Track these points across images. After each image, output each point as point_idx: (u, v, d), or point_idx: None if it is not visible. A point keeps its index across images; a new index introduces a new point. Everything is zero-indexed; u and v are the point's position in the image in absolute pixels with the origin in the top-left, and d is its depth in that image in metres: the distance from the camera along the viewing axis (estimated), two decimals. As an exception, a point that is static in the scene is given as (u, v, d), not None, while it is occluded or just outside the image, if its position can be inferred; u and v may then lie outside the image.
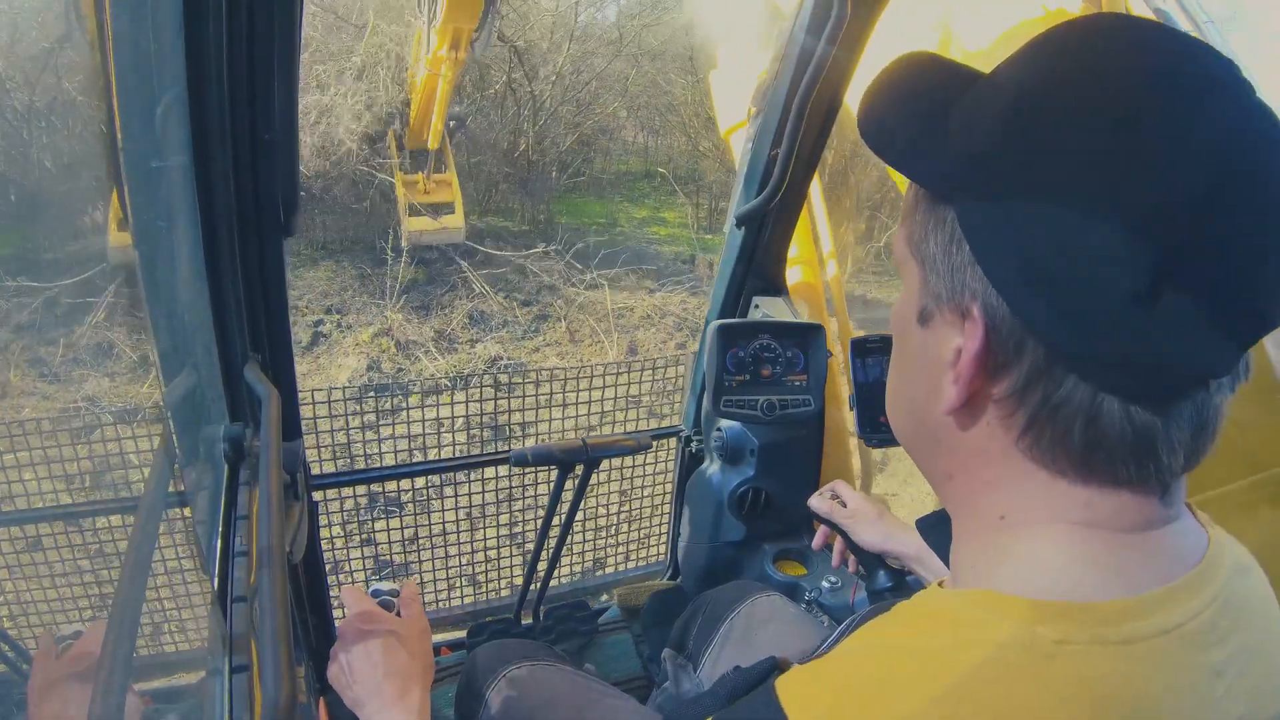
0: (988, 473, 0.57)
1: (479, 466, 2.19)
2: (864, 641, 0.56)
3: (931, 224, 0.57)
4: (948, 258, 0.55)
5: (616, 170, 11.29)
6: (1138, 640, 0.49)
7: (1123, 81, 0.49)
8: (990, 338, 0.53)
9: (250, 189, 1.12)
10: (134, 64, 0.94)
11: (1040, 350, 0.51)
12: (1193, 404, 0.51)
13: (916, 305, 0.59)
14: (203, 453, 1.15)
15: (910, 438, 0.66)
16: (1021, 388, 0.53)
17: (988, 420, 0.56)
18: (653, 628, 1.95)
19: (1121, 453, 0.52)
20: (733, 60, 2.82)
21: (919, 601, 0.58)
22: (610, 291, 7.99)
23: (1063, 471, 0.54)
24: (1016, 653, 0.48)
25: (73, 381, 4.29)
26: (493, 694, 1.28)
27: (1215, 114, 0.48)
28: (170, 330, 1.10)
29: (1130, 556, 0.53)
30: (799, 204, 1.96)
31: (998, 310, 0.52)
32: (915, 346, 0.60)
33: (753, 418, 1.91)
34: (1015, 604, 0.51)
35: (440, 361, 6.94)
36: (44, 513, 1.91)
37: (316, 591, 1.67)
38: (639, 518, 2.69)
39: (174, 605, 1.78)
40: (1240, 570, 0.58)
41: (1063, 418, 0.52)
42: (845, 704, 0.52)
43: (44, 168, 1.94)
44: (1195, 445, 0.53)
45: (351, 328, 7.21)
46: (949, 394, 0.56)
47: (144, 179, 1.01)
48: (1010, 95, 0.53)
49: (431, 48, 5.86)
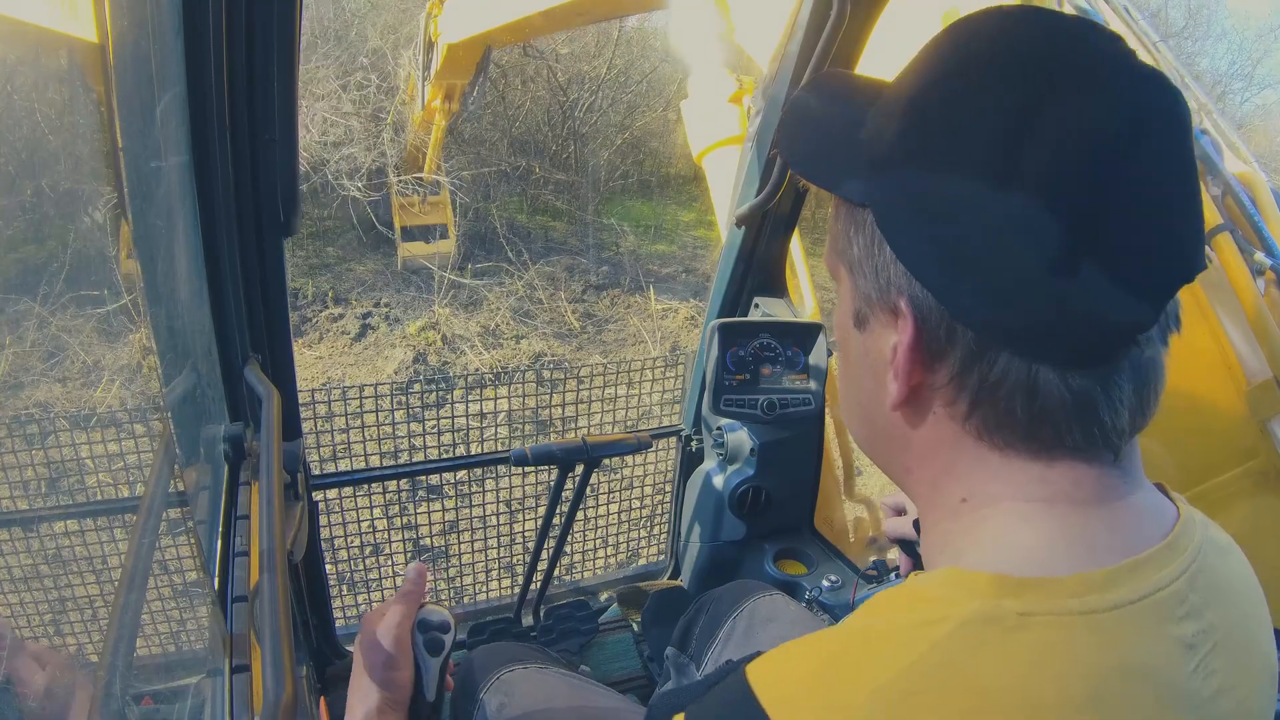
0: (942, 461, 0.59)
1: (480, 466, 2.19)
2: (838, 625, 0.57)
3: (853, 230, 0.59)
4: (871, 259, 0.57)
5: (665, 173, 11.33)
6: (1102, 611, 0.50)
7: (1012, 62, 0.52)
8: (921, 329, 0.55)
9: (250, 189, 1.13)
10: (133, 64, 0.94)
11: (970, 333, 0.53)
12: (1129, 361, 0.53)
13: (851, 311, 0.61)
14: (203, 453, 1.15)
15: (866, 440, 0.67)
16: (959, 372, 0.55)
17: (933, 410, 0.58)
18: (653, 627, 1.95)
19: (1065, 420, 0.53)
20: (700, 89, 3.02)
21: (895, 588, 0.59)
22: (655, 293, 8.13)
23: (1014, 448, 0.55)
24: (980, 626, 0.49)
25: (72, 381, 4.29)
26: (487, 696, 1.28)
27: (1102, 85, 0.50)
28: (170, 330, 1.11)
29: (1093, 530, 0.54)
30: (798, 204, 1.95)
31: (924, 301, 0.54)
32: (856, 351, 0.63)
33: (753, 417, 1.91)
34: (979, 579, 0.52)
35: (485, 356, 6.99)
36: (44, 513, 1.91)
37: (317, 591, 1.67)
38: (640, 517, 2.69)
39: (175, 605, 1.78)
40: (1218, 549, 0.58)
41: (1003, 395, 0.53)
42: (812, 682, 0.52)
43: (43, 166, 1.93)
44: (1138, 402, 0.54)
45: (399, 321, 7.28)
46: (892, 390, 0.57)
47: (143, 179, 1.01)
48: (906, 92, 0.56)
49: (425, 99, 5.96)
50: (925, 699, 0.47)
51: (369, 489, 2.36)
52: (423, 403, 3.05)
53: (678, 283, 8.59)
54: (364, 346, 6.98)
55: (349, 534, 2.44)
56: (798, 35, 1.68)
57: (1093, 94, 0.50)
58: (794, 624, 1.45)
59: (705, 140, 2.99)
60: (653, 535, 2.70)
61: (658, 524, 2.65)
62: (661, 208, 10.60)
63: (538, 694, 1.28)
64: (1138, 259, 0.50)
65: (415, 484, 3.65)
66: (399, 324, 7.23)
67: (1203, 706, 0.51)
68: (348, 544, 2.51)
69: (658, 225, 9.95)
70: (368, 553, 2.84)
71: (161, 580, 1.71)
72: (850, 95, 0.63)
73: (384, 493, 2.92)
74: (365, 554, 2.80)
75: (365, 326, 7.18)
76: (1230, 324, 1.53)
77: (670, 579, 2.31)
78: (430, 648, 1.09)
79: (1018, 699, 0.47)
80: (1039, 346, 0.52)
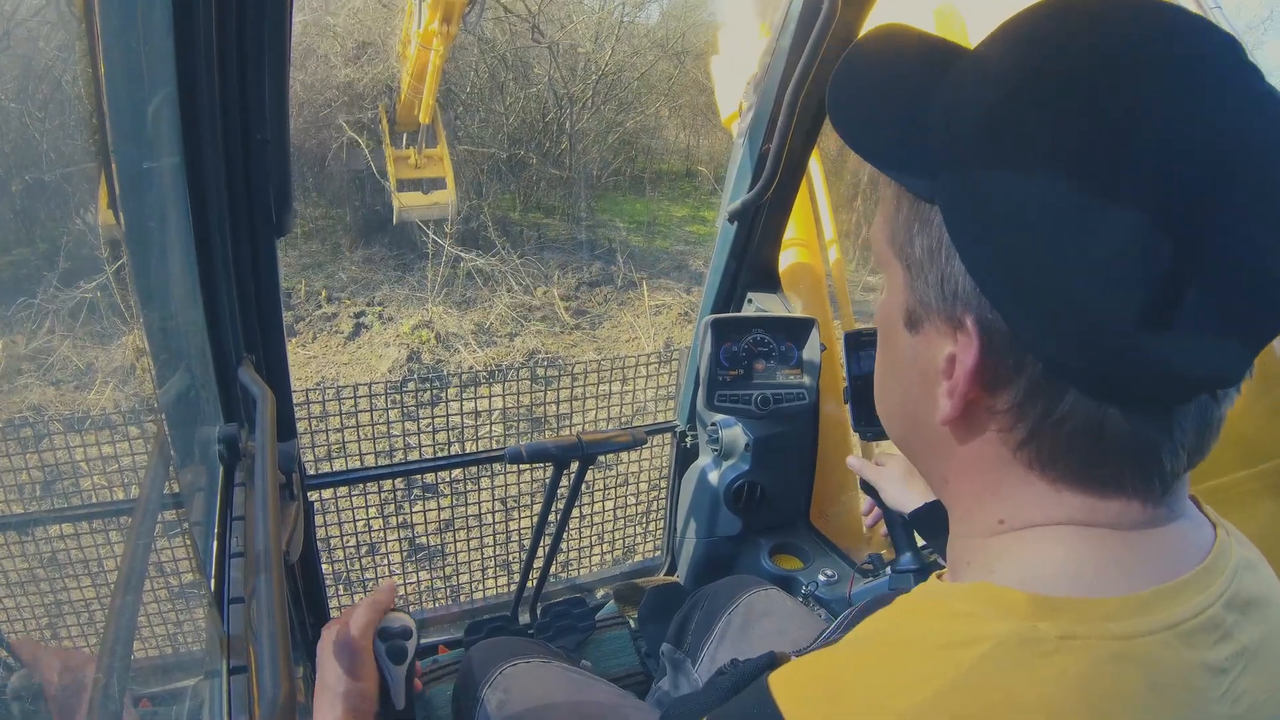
0: (985, 480, 0.55)
1: (474, 464, 2.19)
2: (861, 635, 0.55)
3: (916, 226, 0.53)
4: (935, 264, 0.52)
5: (657, 169, 11.35)
6: (1138, 636, 0.48)
7: (1121, 59, 0.45)
8: (986, 352, 0.50)
9: (242, 188, 1.12)
10: (124, 64, 0.94)
11: (1039, 365, 0.49)
12: (1197, 406, 0.49)
13: (903, 308, 0.56)
14: (198, 454, 1.15)
15: (903, 440, 0.64)
16: (1021, 402, 0.50)
17: (985, 432, 0.54)
18: (650, 623, 1.95)
19: (1125, 462, 0.50)
20: (734, 45, 2.71)
21: (918, 594, 0.57)
22: (648, 289, 8.12)
23: (1064, 480, 0.52)
24: (1016, 648, 0.47)
25: (66, 383, 4.28)
26: (489, 692, 1.27)
27: (1216, 98, 0.44)
28: (164, 331, 1.10)
29: (1132, 554, 0.52)
30: (791, 198, 1.95)
31: (993, 325, 0.49)
32: (904, 351, 0.57)
33: (747, 412, 1.91)
34: (1015, 598, 0.49)
35: (479, 354, 6.99)
36: (39, 516, 1.91)
37: (313, 592, 1.67)
38: (635, 513, 2.69)
39: (171, 607, 1.78)
40: (1247, 566, 0.56)
41: (1065, 432, 0.50)
42: (843, 699, 0.50)
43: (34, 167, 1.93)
44: (1198, 445, 0.51)
45: (393, 319, 7.27)
46: (944, 406, 0.53)
47: (135, 180, 1.00)
48: (992, 76, 0.49)
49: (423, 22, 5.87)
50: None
51: (364, 488, 2.36)
52: (417, 401, 3.05)
53: (671, 278, 8.60)
54: (358, 345, 6.98)
55: (344, 533, 2.44)
56: (789, 30, 1.68)
57: (1205, 111, 0.44)
58: (790, 619, 1.45)
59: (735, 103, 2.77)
60: (649, 531, 2.71)
61: (654, 520, 2.65)
62: (655, 204, 10.62)
63: (538, 689, 1.27)
64: (1240, 306, 0.45)
65: (411, 483, 3.66)
66: (393, 322, 7.23)
67: None
68: (344, 544, 2.51)
69: (651, 221, 9.96)
70: (364, 552, 2.84)
71: (158, 582, 1.71)
72: (920, 56, 0.55)
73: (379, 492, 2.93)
74: (361, 553, 2.80)
75: (359, 325, 7.18)
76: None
77: (666, 575, 2.31)
78: (393, 656, 1.07)
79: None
80: (1115, 390, 0.48)
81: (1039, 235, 0.46)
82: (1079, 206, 0.44)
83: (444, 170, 7.53)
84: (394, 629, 1.08)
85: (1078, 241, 0.45)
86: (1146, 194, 0.43)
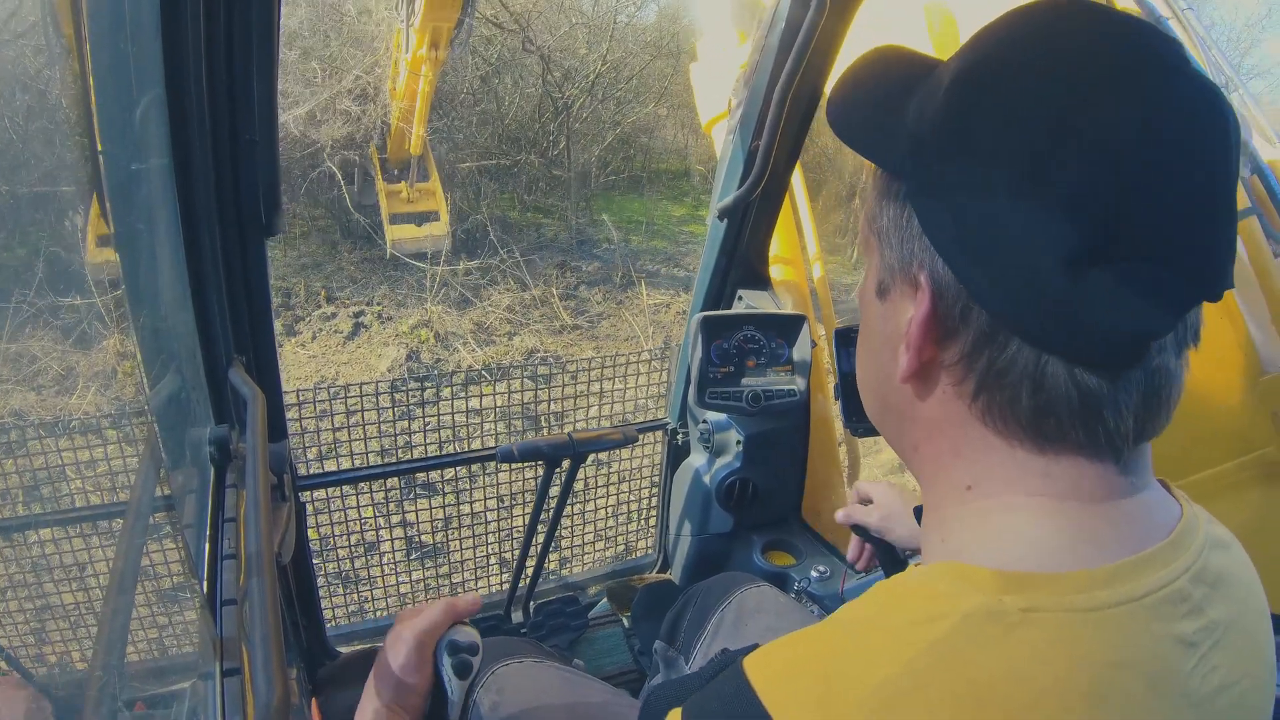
0: (949, 441, 0.59)
1: (467, 463, 2.18)
2: (836, 618, 0.57)
3: (886, 201, 0.60)
4: (899, 230, 0.58)
5: (655, 169, 11.35)
6: (1104, 608, 0.50)
7: (1058, 60, 0.52)
8: (937, 304, 0.56)
9: (231, 189, 1.12)
10: (112, 66, 0.93)
11: (984, 316, 0.54)
12: (1141, 369, 0.53)
13: (875, 280, 0.62)
14: (189, 456, 1.14)
15: (877, 412, 0.68)
16: (969, 352, 0.55)
17: (942, 387, 0.58)
18: (643, 620, 1.96)
19: (1069, 416, 0.53)
20: (712, 53, 2.84)
21: (893, 579, 0.58)
22: (646, 288, 8.12)
23: (1018, 439, 0.56)
24: (982, 621, 0.49)
25: (55, 386, 4.26)
26: (482, 693, 1.27)
27: (1146, 93, 0.50)
28: (154, 333, 1.10)
29: (1097, 527, 0.54)
30: (780, 196, 1.96)
31: (943, 278, 0.55)
32: (876, 320, 0.63)
33: (738, 409, 1.92)
34: (981, 574, 0.52)
35: (479, 353, 6.97)
36: (30, 519, 1.90)
37: (306, 593, 1.66)
38: (628, 511, 2.69)
39: (164, 610, 1.78)
40: (1220, 545, 0.58)
41: (1009, 382, 0.54)
42: (812, 677, 0.52)
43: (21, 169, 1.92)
44: (1146, 410, 0.54)
45: (391, 319, 7.24)
46: (902, 361, 0.58)
47: (124, 182, 1.00)
48: (951, 79, 0.56)
49: (411, 48, 5.83)
50: (927, 694, 0.48)
51: (358, 488, 2.36)
52: (419, 399, 3.04)
53: (669, 277, 8.61)
54: (357, 345, 6.96)
55: (337, 534, 2.44)
56: (778, 27, 1.69)
57: (1134, 102, 0.49)
58: (782, 615, 1.45)
59: (715, 108, 2.75)
60: (642, 529, 2.71)
61: (646, 518, 2.65)
62: (652, 203, 10.62)
63: (531, 689, 1.27)
64: (1158, 270, 0.50)
65: (407, 482, 3.64)
66: (391, 321, 7.21)
67: (1202, 704, 0.52)
68: (335, 544, 2.50)
69: (649, 221, 9.97)
70: (359, 552, 2.84)
71: (150, 585, 1.70)
72: (905, 69, 0.63)
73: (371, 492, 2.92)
74: (356, 553, 2.80)
75: (358, 325, 7.15)
76: (1248, 311, 1.51)
77: (659, 572, 2.32)
78: (459, 671, 1.08)
79: (1018, 693, 0.47)
80: (1051, 340, 0.52)
81: (981, 201, 0.53)
82: (1013, 181, 0.51)
83: (437, 204, 7.47)
84: (462, 644, 1.09)
85: (1011, 209, 0.51)
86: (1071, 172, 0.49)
